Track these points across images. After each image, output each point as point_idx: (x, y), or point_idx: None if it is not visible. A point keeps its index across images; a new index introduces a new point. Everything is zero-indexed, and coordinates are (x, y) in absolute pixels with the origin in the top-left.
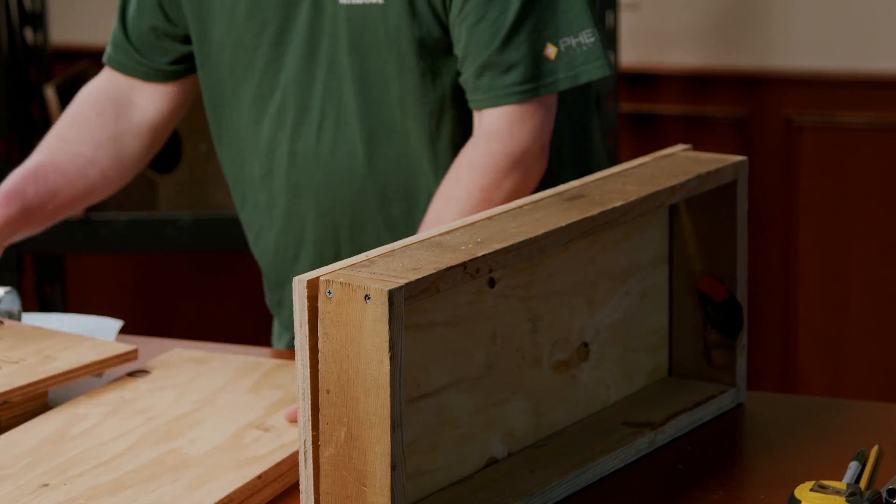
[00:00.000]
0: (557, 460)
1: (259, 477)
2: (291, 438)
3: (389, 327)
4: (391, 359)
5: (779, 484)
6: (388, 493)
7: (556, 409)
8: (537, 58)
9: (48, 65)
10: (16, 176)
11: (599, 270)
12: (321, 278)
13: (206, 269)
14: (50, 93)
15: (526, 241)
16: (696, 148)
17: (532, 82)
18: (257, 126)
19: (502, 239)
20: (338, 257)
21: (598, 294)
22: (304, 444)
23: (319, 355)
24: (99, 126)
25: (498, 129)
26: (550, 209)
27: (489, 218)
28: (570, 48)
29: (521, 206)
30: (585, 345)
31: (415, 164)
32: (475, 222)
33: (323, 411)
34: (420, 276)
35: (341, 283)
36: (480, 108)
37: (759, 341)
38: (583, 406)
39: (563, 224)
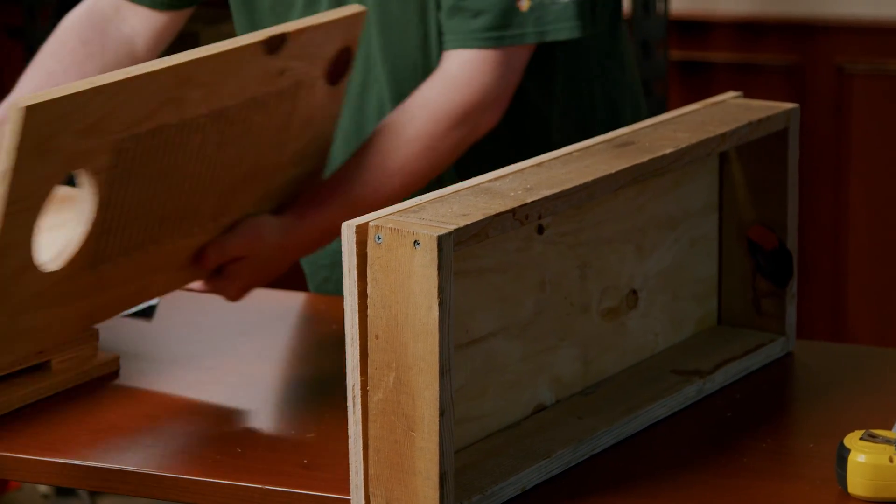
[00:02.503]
0: (605, 408)
1: None
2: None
3: (438, 273)
4: (440, 304)
5: (828, 433)
6: (436, 439)
7: (604, 356)
8: (508, 7)
9: None
10: (1, 112)
11: (649, 218)
12: (370, 223)
13: None
14: None
15: (575, 187)
16: (747, 96)
17: (498, 30)
18: None
19: (551, 185)
20: None
21: (648, 241)
22: (353, 389)
23: (368, 300)
24: (85, 56)
25: (459, 75)
26: (600, 156)
27: (538, 164)
28: (543, 4)
29: (570, 153)
30: (634, 292)
31: None
32: (524, 168)
33: (372, 356)
34: (469, 222)
35: (390, 229)
36: (447, 48)
37: (809, 290)
38: (631, 354)
39: (613, 171)
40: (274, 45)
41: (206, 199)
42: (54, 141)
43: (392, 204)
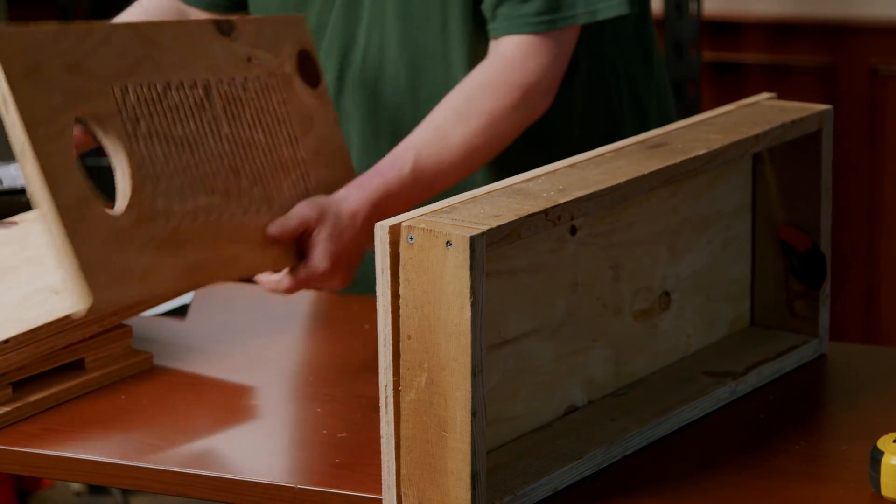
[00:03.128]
0: (637, 409)
1: (6, 342)
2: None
3: (471, 274)
4: (472, 305)
5: (861, 435)
6: (468, 439)
7: (636, 357)
8: None
9: None
10: None
11: (682, 219)
12: (403, 224)
13: None
14: None
15: (607, 188)
16: (780, 98)
17: (550, 14)
18: (315, 41)
19: (584, 186)
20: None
21: (681, 243)
22: (386, 390)
23: (401, 301)
24: None
25: (516, 58)
26: (632, 157)
27: (571, 165)
28: None
29: (602, 154)
30: (667, 294)
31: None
32: (557, 170)
33: (404, 357)
34: (502, 223)
35: (423, 230)
36: (497, 36)
37: (842, 292)
38: (663, 355)
39: (645, 172)
40: (224, 28)
41: (248, 180)
42: (43, 72)
43: (452, 180)
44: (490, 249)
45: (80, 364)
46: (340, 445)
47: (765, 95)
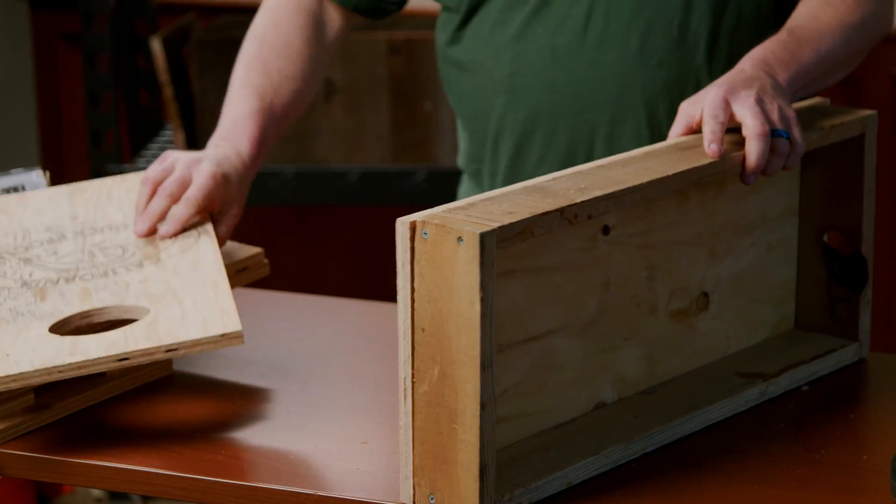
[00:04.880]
0: (664, 407)
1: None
2: None
3: (480, 270)
4: (482, 301)
5: (883, 444)
6: (477, 432)
7: (671, 357)
8: None
9: (153, 17)
10: (261, 116)
11: (724, 222)
12: (418, 220)
13: (309, 223)
14: (156, 45)
15: (628, 188)
16: None
17: None
18: (506, 24)
19: (606, 186)
20: (589, 159)
21: (721, 245)
22: (404, 382)
23: (415, 295)
24: (310, 58)
25: None
26: (662, 158)
27: (600, 166)
28: None
29: (635, 155)
30: (706, 294)
31: (689, 57)
32: (584, 170)
33: (418, 349)
34: (514, 220)
35: (436, 225)
36: None
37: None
38: (700, 355)
39: (670, 173)
40: None
41: None
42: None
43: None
44: (501, 246)
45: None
46: (362, 453)
47: (817, 100)
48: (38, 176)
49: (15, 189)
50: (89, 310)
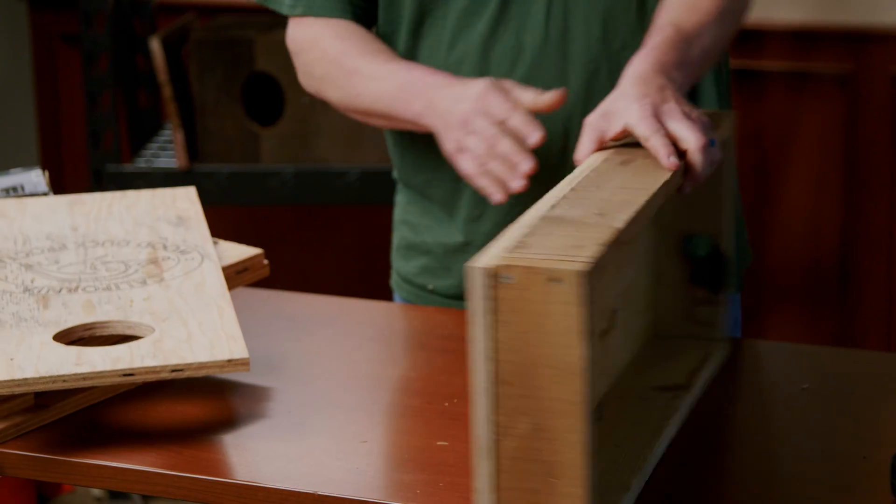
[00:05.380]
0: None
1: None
2: None
3: (584, 309)
4: (584, 341)
5: (882, 443)
6: (582, 483)
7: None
8: None
9: (152, 17)
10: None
11: None
12: (499, 264)
13: (308, 223)
14: (155, 45)
15: (640, 209)
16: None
17: None
18: (469, 29)
19: (619, 209)
20: (565, 149)
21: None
22: (485, 441)
23: (499, 345)
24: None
25: None
26: (624, 175)
27: (573, 189)
28: None
29: (593, 175)
30: (615, 311)
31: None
32: (569, 196)
33: (503, 403)
34: (598, 255)
35: (523, 268)
36: None
37: (863, 299)
38: (610, 375)
39: (654, 189)
40: None
41: None
42: None
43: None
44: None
45: None
46: (362, 452)
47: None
48: (37, 176)
49: (14, 189)
50: (94, 322)
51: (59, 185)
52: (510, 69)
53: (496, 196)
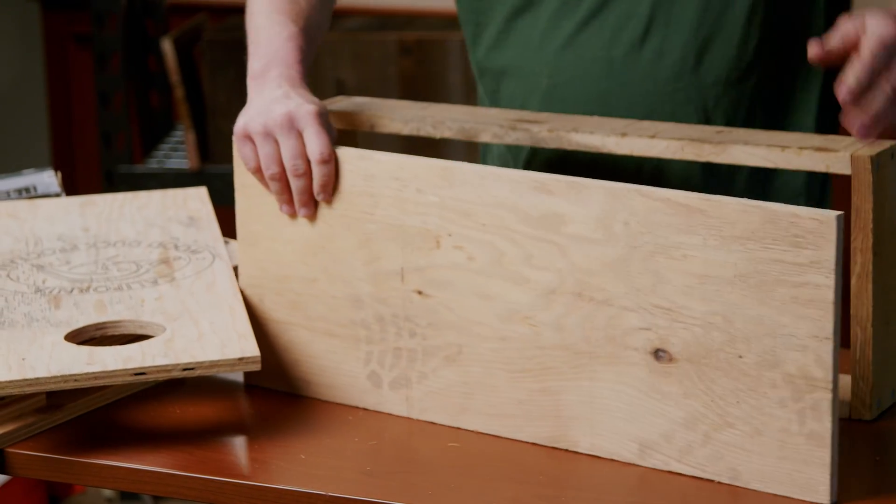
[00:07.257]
0: None
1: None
2: None
3: None
4: None
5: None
6: None
7: None
8: None
9: (164, 18)
10: (301, 39)
11: None
12: (871, 154)
13: None
14: (167, 46)
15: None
16: None
17: None
18: (555, 33)
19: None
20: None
21: None
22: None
23: (875, 223)
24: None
25: None
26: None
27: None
28: None
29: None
30: None
31: (745, 75)
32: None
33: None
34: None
35: (886, 153)
36: None
37: None
38: None
39: None
40: None
41: None
42: None
43: None
44: None
45: None
46: (372, 453)
47: None
48: (49, 176)
49: (27, 189)
50: (105, 321)
51: (71, 186)
52: (593, 80)
53: (285, 208)
